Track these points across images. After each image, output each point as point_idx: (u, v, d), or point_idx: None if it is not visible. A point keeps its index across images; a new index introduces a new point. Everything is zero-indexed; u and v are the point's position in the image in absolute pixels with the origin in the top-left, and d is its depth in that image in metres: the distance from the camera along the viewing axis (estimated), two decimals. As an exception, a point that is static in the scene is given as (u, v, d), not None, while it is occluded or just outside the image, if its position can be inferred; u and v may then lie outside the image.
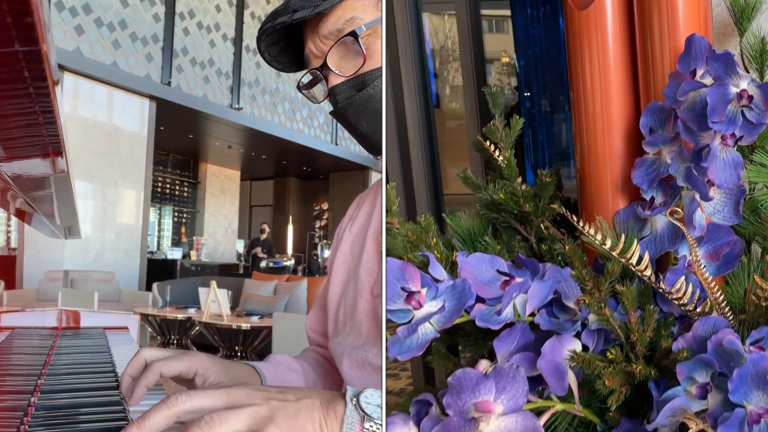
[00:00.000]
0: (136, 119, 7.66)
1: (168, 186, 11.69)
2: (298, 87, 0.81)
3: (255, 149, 11.21)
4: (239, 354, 5.25)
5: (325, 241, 13.78)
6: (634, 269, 0.70)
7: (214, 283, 5.44)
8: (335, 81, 0.75)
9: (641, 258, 0.69)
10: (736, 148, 0.71)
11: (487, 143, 0.87)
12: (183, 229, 11.98)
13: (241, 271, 10.78)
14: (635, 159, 0.76)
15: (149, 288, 7.15)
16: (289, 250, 14.42)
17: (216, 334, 5.26)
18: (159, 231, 11.72)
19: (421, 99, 1.56)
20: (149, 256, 8.73)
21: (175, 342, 5.87)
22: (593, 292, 0.69)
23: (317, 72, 0.77)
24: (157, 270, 8.70)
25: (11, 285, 6.50)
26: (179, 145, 10.86)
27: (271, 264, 10.97)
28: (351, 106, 0.74)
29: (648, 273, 0.70)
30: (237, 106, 9.16)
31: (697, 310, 0.70)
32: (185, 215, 12.07)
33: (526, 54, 1.31)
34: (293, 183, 14.97)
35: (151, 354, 0.70)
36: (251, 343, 5.24)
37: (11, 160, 0.63)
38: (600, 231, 0.70)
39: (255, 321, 5.18)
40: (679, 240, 0.73)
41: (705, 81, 0.71)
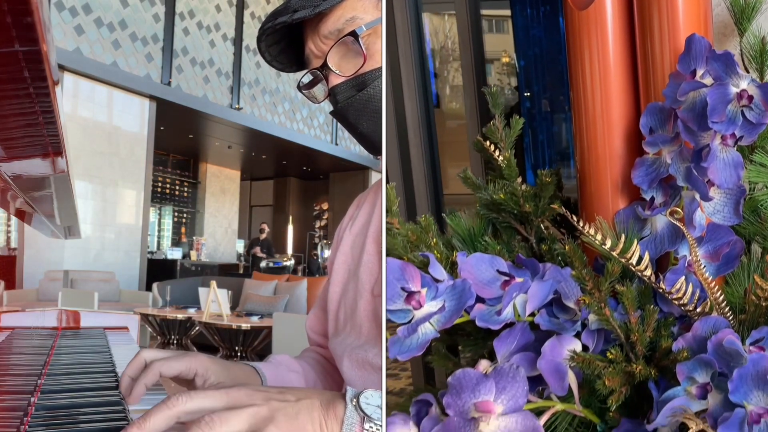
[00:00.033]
0: (136, 119, 7.66)
1: (168, 186, 11.70)
2: (298, 87, 0.81)
3: (255, 149, 11.21)
4: (239, 354, 5.25)
5: (325, 241, 13.78)
6: (634, 269, 0.70)
7: (214, 283, 5.44)
8: (335, 81, 0.75)
9: (641, 258, 0.69)
10: (736, 148, 0.71)
11: (487, 143, 0.87)
12: (183, 229, 11.99)
13: (241, 271, 10.78)
14: (635, 159, 0.76)
15: (149, 288, 7.15)
16: (289, 250, 14.42)
17: (216, 334, 5.26)
18: (159, 231, 11.72)
19: (421, 99, 1.56)
20: (149, 256, 8.74)
21: (175, 342, 5.87)
22: (593, 292, 0.69)
23: (317, 72, 0.77)
24: (157, 270, 8.70)
25: (11, 285, 6.50)
26: (179, 145, 10.86)
27: (271, 264, 10.97)
28: (351, 106, 0.74)
29: (648, 273, 0.70)
30: (237, 106, 9.16)
31: (697, 310, 0.70)
32: (185, 215, 12.07)
33: (526, 54, 1.31)
34: (293, 183, 14.97)
35: (151, 355, 0.70)
36: (251, 343, 5.24)
37: (11, 160, 0.63)
38: (600, 231, 0.70)
39: (255, 321, 5.19)
40: (679, 240, 0.73)
41: (705, 81, 0.71)
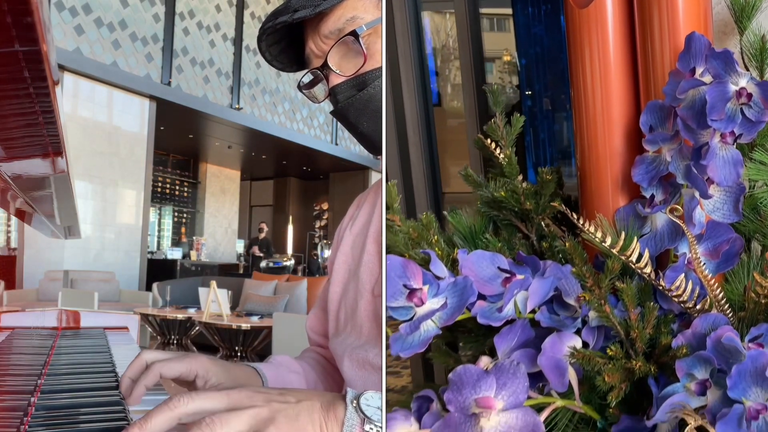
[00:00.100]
0: (136, 119, 7.66)
1: (168, 186, 11.69)
2: (298, 87, 0.80)
3: (255, 149, 11.21)
4: (239, 354, 5.25)
5: (325, 241, 13.78)
6: (634, 266, 0.70)
7: (214, 283, 5.44)
8: (336, 81, 0.75)
9: (641, 255, 0.70)
10: (735, 145, 0.71)
11: (488, 141, 0.88)
12: (183, 229, 11.98)
13: (241, 271, 10.78)
14: (635, 157, 0.76)
15: (149, 288, 7.15)
16: (289, 250, 14.42)
17: (216, 334, 5.26)
18: (159, 231, 11.72)
19: (421, 98, 1.56)
20: (149, 256, 8.73)
21: (175, 342, 5.86)
22: (593, 289, 0.70)
23: (318, 72, 0.77)
24: (157, 270, 8.70)
25: (11, 285, 6.50)
26: (179, 145, 10.86)
27: (271, 264, 10.97)
28: (351, 105, 0.74)
29: (648, 270, 0.70)
30: (237, 106, 9.16)
31: (697, 307, 0.70)
32: (185, 215, 12.07)
33: (527, 52, 1.32)
34: (293, 183, 14.97)
35: (152, 356, 0.70)
36: (251, 343, 5.24)
37: (11, 160, 0.63)
38: (600, 228, 0.70)
39: (255, 321, 5.19)
40: (679, 237, 0.73)
41: (704, 79, 0.71)
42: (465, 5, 1.50)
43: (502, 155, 0.86)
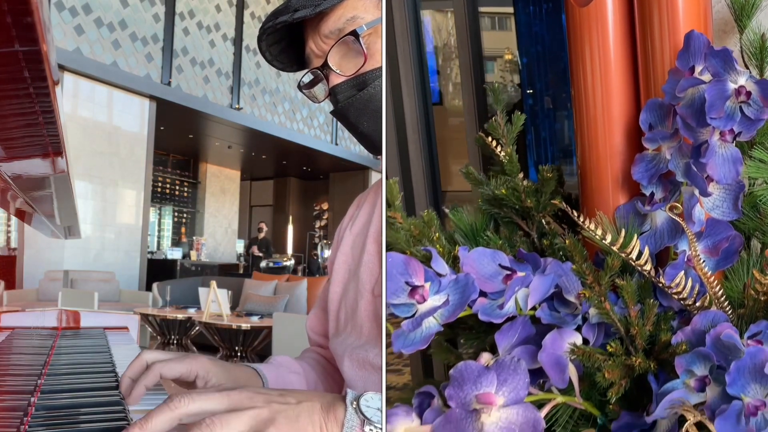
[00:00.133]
0: (136, 119, 7.67)
1: (168, 186, 11.69)
2: (298, 86, 0.80)
3: (255, 149, 11.21)
4: (239, 354, 5.25)
5: (325, 241, 13.78)
6: (634, 264, 0.70)
7: (214, 283, 5.44)
8: (336, 80, 0.75)
9: (641, 253, 0.70)
10: (735, 143, 0.71)
11: (489, 139, 0.88)
12: (183, 229, 11.98)
13: (241, 271, 10.78)
14: (635, 155, 0.76)
15: (149, 288, 7.15)
16: (289, 250, 14.42)
17: (216, 334, 5.26)
18: (159, 231, 11.72)
19: (420, 97, 1.57)
20: (149, 256, 8.73)
21: (175, 342, 5.86)
22: (593, 286, 0.70)
23: (318, 71, 0.77)
24: (157, 270, 8.70)
25: (11, 285, 6.50)
26: (179, 145, 10.86)
27: (271, 264, 10.97)
28: (352, 105, 0.74)
29: (648, 267, 0.70)
30: (237, 106, 9.16)
31: (697, 304, 0.71)
32: (185, 215, 12.07)
33: (528, 51, 1.32)
34: (293, 183, 14.97)
35: (153, 356, 0.70)
36: (251, 343, 5.24)
37: (11, 160, 0.63)
38: (600, 226, 0.70)
39: (255, 321, 5.19)
40: (679, 235, 0.74)
41: (703, 77, 0.71)
42: (464, 4, 1.50)
43: (503, 153, 0.87)
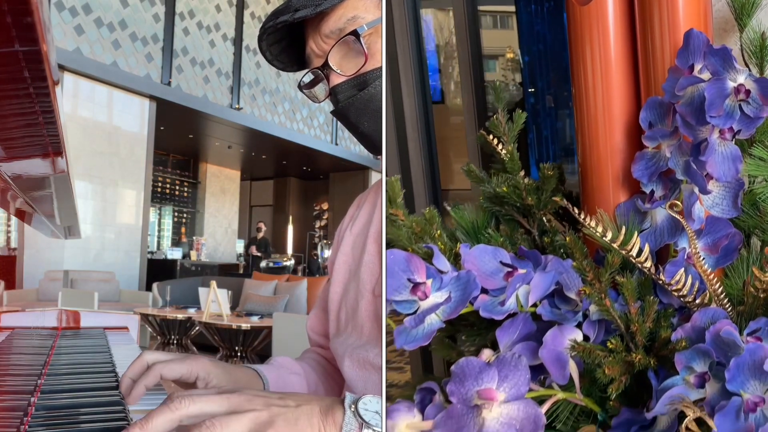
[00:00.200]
0: (136, 119, 7.67)
1: (168, 186, 11.70)
2: (299, 86, 0.80)
3: (255, 149, 11.22)
4: (239, 354, 5.26)
5: (325, 241, 13.78)
6: (634, 261, 0.71)
7: (214, 283, 5.45)
8: (336, 80, 0.75)
9: (641, 250, 0.70)
10: (734, 141, 0.72)
11: (490, 137, 0.88)
12: (183, 229, 11.98)
13: (241, 271, 10.78)
14: (635, 153, 0.77)
15: (149, 288, 7.15)
16: (289, 250, 14.42)
17: (216, 334, 5.27)
18: (159, 231, 11.72)
19: (420, 96, 1.57)
20: (149, 256, 8.73)
21: (175, 342, 5.86)
22: (594, 283, 0.70)
23: (318, 71, 0.77)
24: (157, 270, 8.70)
25: (11, 285, 6.49)
26: (179, 145, 10.86)
27: (271, 264, 10.97)
28: (352, 105, 0.74)
29: (648, 265, 0.71)
30: (237, 106, 9.16)
31: (696, 301, 0.71)
32: (185, 215, 12.07)
33: (530, 50, 1.32)
34: (293, 183, 14.97)
35: (153, 357, 0.70)
36: (251, 343, 5.24)
37: (11, 160, 0.63)
38: (601, 223, 0.71)
39: (255, 321, 5.19)
40: (679, 232, 0.74)
41: (703, 76, 0.71)
42: (463, 3, 1.50)
43: (504, 151, 0.87)
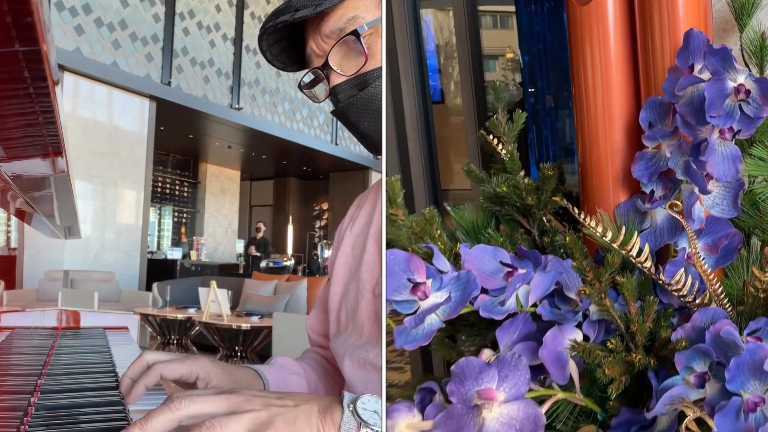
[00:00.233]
0: (136, 119, 7.67)
1: (168, 186, 11.70)
2: (299, 86, 0.80)
3: (255, 149, 11.22)
4: (239, 354, 5.26)
5: (325, 241, 13.78)
6: (634, 261, 0.71)
7: (214, 283, 5.45)
8: (337, 80, 0.75)
9: (641, 250, 0.70)
10: (734, 141, 0.72)
11: (491, 137, 0.88)
12: (183, 229, 11.98)
13: (241, 271, 10.78)
14: (635, 153, 0.77)
15: (149, 288, 7.15)
16: (289, 250, 14.42)
17: (216, 334, 5.27)
18: (159, 231, 11.72)
19: (419, 95, 1.57)
20: (149, 256, 8.73)
21: (175, 342, 5.87)
22: (594, 283, 0.70)
23: (319, 71, 0.77)
24: (157, 270, 8.70)
25: (11, 285, 6.49)
26: (179, 145, 10.86)
27: (271, 264, 10.97)
28: (352, 105, 0.74)
29: (648, 265, 0.71)
30: (237, 106, 9.16)
31: (696, 301, 0.71)
32: (185, 215, 12.07)
33: (530, 50, 1.32)
34: (293, 183, 14.97)
35: (154, 357, 0.71)
36: (251, 343, 5.24)
37: (11, 160, 0.63)
38: (601, 223, 0.71)
39: (255, 321, 5.19)
40: (679, 232, 0.74)
41: (703, 76, 0.72)
42: (463, 3, 1.50)
43: (504, 151, 0.87)
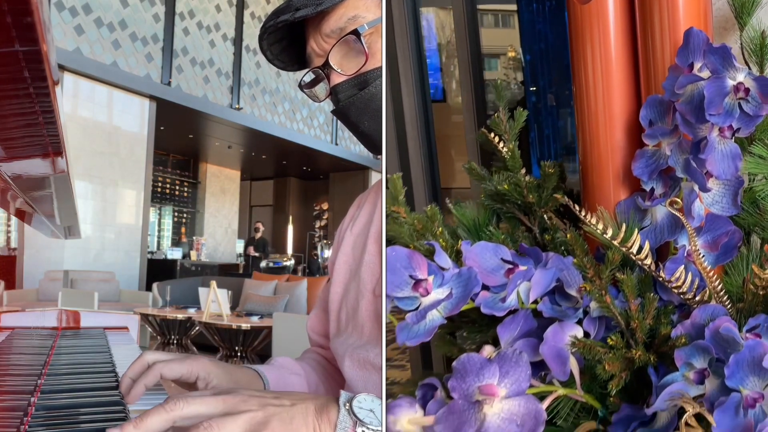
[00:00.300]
0: (136, 119, 7.67)
1: (168, 186, 11.70)
2: (299, 86, 0.80)
3: (255, 149, 11.22)
4: (239, 354, 5.26)
5: (325, 241, 13.79)
6: (634, 258, 0.71)
7: (214, 283, 5.45)
8: (337, 80, 0.75)
9: (641, 247, 0.71)
10: (734, 139, 0.72)
11: (492, 135, 0.89)
12: (183, 229, 11.98)
13: (241, 271, 10.78)
14: (636, 151, 0.77)
15: (149, 288, 7.15)
16: (289, 250, 14.42)
17: (216, 334, 5.27)
18: (159, 231, 11.72)
19: (419, 94, 1.57)
20: (149, 256, 8.73)
21: (175, 342, 5.87)
22: (594, 280, 0.71)
23: (319, 71, 0.77)
24: (157, 270, 8.70)
25: (11, 285, 6.49)
26: (179, 145, 10.86)
27: (271, 264, 10.97)
28: (353, 104, 0.74)
29: (648, 262, 0.71)
30: (237, 106, 9.16)
31: (696, 298, 0.71)
32: (185, 215, 12.07)
33: (531, 49, 1.32)
34: (293, 183, 14.97)
35: (154, 357, 0.71)
36: (251, 343, 5.24)
37: (11, 160, 0.63)
38: (601, 221, 0.71)
39: (255, 321, 5.19)
40: (679, 230, 0.74)
41: (702, 74, 0.72)
42: (462, 2, 1.50)
43: (505, 149, 0.87)
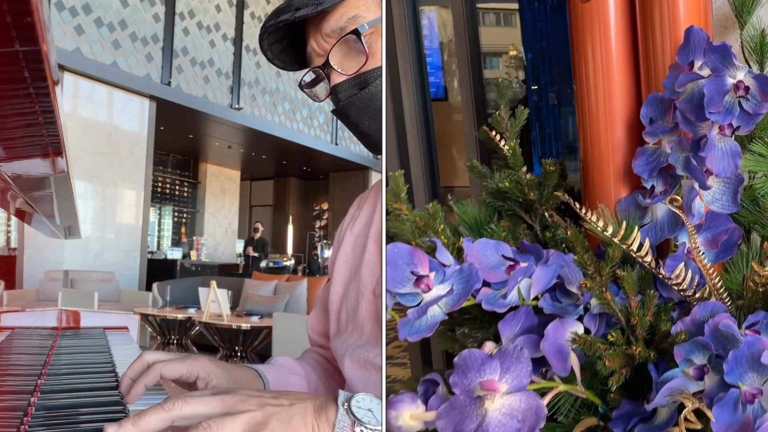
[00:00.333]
0: (136, 119, 7.67)
1: (168, 186, 11.70)
2: (300, 85, 0.80)
3: (255, 149, 11.22)
4: (239, 354, 5.26)
5: (325, 241, 13.79)
6: (634, 255, 0.71)
7: (214, 283, 5.45)
8: (337, 79, 0.75)
9: (642, 244, 0.71)
10: (734, 137, 0.72)
11: (493, 133, 0.89)
12: (183, 229, 11.98)
13: (241, 271, 10.78)
14: (636, 149, 0.77)
15: (149, 288, 7.16)
16: (289, 250, 14.42)
17: (216, 334, 5.27)
18: (159, 231, 11.72)
19: (419, 93, 1.58)
20: (149, 256, 8.74)
21: (175, 342, 5.87)
22: (595, 277, 0.71)
23: (319, 70, 0.77)
24: (157, 270, 8.70)
25: (11, 285, 6.49)
26: (179, 145, 10.86)
27: (271, 264, 10.97)
28: (353, 104, 0.74)
29: (648, 259, 0.71)
30: (237, 106, 9.17)
31: (696, 295, 0.72)
32: (185, 215, 12.07)
33: (533, 47, 1.33)
34: (293, 183, 14.97)
35: (154, 357, 0.71)
36: (251, 343, 5.25)
37: (11, 160, 0.63)
38: (602, 218, 0.71)
39: (255, 321, 5.19)
40: (679, 227, 0.75)
41: (702, 72, 0.72)
42: (462, 1, 1.51)
43: (506, 147, 0.88)
